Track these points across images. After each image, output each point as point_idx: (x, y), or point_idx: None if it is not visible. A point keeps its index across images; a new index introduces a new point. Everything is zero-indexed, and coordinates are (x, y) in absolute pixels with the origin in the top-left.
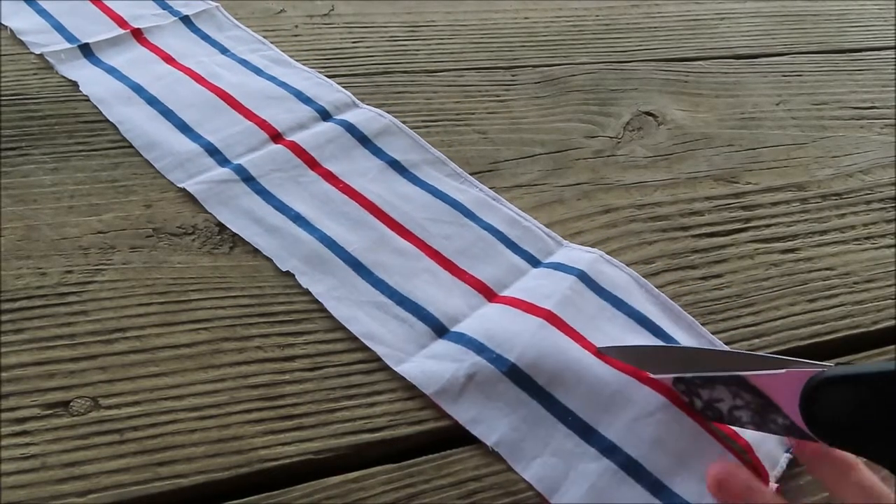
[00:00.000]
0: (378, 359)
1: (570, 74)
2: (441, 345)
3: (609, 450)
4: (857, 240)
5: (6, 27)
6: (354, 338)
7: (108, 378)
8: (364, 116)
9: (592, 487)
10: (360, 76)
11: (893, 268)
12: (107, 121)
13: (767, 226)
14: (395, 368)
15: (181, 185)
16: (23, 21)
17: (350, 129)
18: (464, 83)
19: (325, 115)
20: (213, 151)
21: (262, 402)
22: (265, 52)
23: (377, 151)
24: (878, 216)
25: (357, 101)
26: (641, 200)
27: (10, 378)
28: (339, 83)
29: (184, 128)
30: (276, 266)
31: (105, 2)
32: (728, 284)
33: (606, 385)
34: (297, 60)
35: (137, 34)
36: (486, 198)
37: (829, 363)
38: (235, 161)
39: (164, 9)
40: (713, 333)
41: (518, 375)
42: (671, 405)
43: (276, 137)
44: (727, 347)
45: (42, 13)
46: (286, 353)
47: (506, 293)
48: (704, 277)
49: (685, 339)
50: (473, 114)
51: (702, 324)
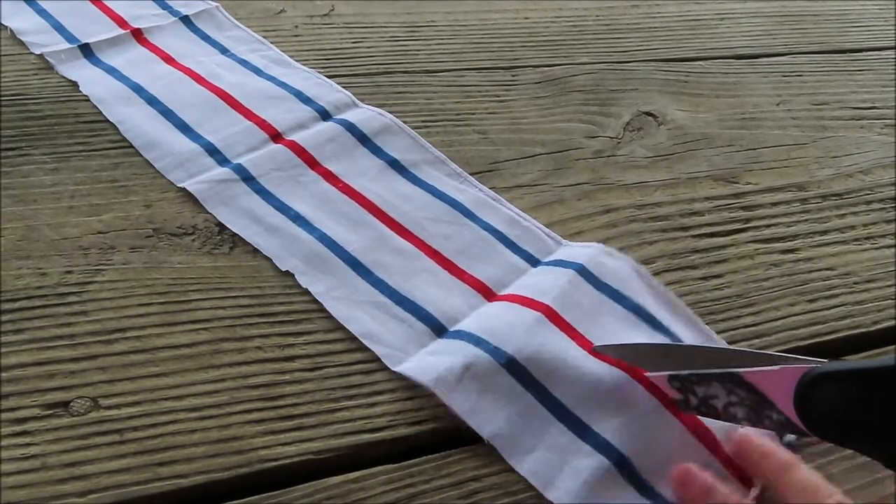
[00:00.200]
0: (378, 359)
1: (571, 74)
2: (439, 343)
3: (603, 447)
4: (858, 240)
5: (6, 27)
6: (354, 338)
7: (108, 378)
8: (364, 115)
9: (585, 483)
10: (361, 76)
11: (894, 268)
12: (107, 121)
13: (767, 226)
14: (395, 369)
15: (181, 185)
16: (23, 21)
17: (350, 129)
18: (464, 83)
19: (325, 115)
20: (213, 151)
21: (263, 403)
22: (265, 53)
23: (377, 151)
24: (879, 216)
25: (357, 101)
26: (641, 200)
27: (10, 378)
28: (340, 83)
29: (184, 128)
30: (276, 266)
31: (105, 2)
32: (728, 284)
33: (602, 383)
34: (298, 60)
35: (137, 34)
36: (486, 198)
37: (823, 360)
38: (235, 161)
39: (164, 9)
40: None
41: (515, 368)
42: (663, 409)
43: (276, 137)
44: (724, 342)
45: (42, 13)
46: (286, 353)
47: (505, 292)
48: (704, 277)
49: (683, 333)
50: (473, 114)
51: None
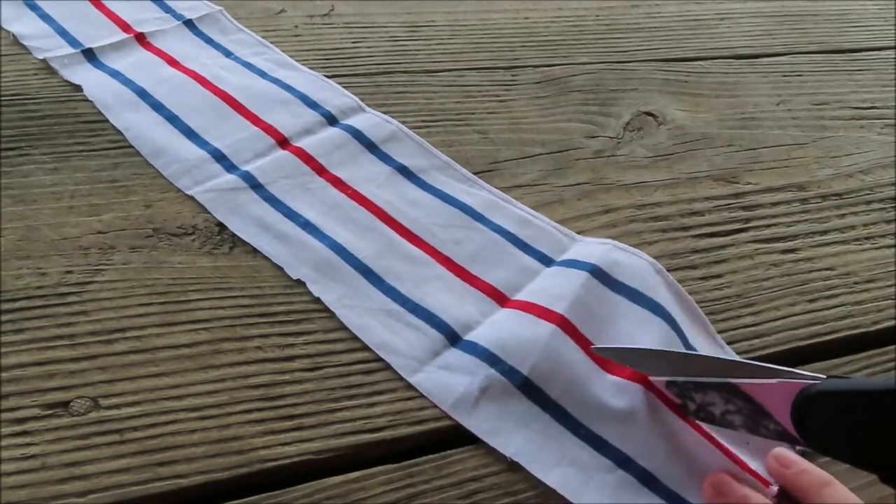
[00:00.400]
0: (378, 359)
1: (571, 74)
2: (454, 354)
3: (623, 462)
4: (858, 240)
5: (8, 32)
6: (354, 338)
7: (108, 378)
8: (370, 122)
9: (613, 496)
10: (361, 76)
11: (893, 268)
12: (107, 121)
13: (767, 226)
14: (409, 379)
15: (189, 193)
16: (25, 26)
17: (357, 136)
18: (464, 83)
19: (332, 120)
20: (221, 157)
21: (263, 403)
22: (269, 56)
23: (385, 157)
24: (879, 216)
25: (363, 106)
26: (641, 200)
27: (10, 378)
28: (340, 83)
29: (190, 134)
30: (276, 266)
31: (107, 6)
32: (728, 284)
33: (616, 399)
34: (298, 61)
35: (141, 38)
36: (496, 199)
37: (821, 375)
38: (243, 167)
39: (167, 12)
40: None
41: (531, 388)
42: (676, 417)
43: (283, 143)
44: (729, 348)
45: (44, 17)
46: (286, 353)
47: (518, 296)
48: (704, 277)
49: (696, 337)
50: (474, 114)
51: None
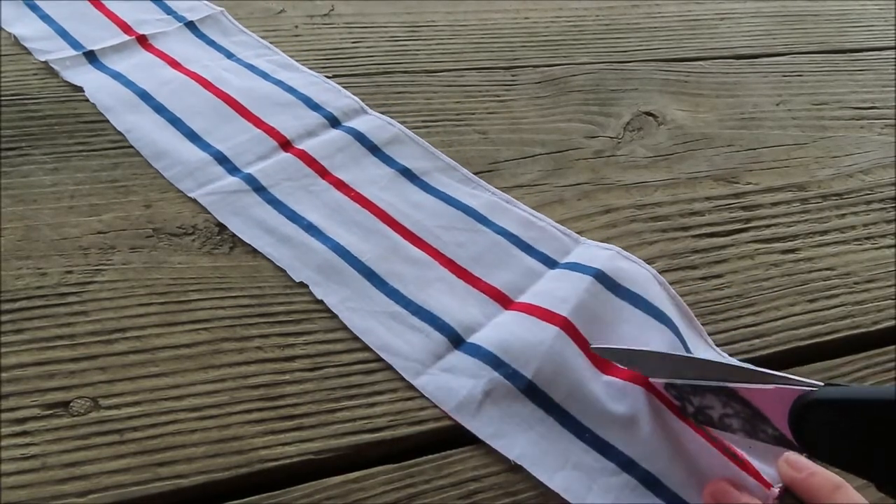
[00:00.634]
0: (379, 359)
1: (571, 74)
2: (457, 357)
3: (627, 465)
4: (858, 240)
5: (9, 33)
6: (355, 338)
7: (108, 378)
8: (373, 124)
9: (616, 500)
10: (361, 76)
11: (894, 268)
12: (107, 121)
13: (768, 226)
14: (413, 382)
15: (192, 195)
16: (26, 27)
17: (359, 138)
18: (464, 83)
19: (334, 122)
20: (223, 160)
21: (263, 403)
22: (271, 57)
23: (387, 159)
24: (879, 216)
25: (365, 107)
26: (642, 200)
27: (10, 378)
28: (340, 83)
29: (192, 136)
30: (277, 266)
31: (108, 7)
32: (728, 284)
33: (618, 402)
34: (298, 61)
35: (142, 40)
36: (499, 201)
37: (819, 382)
38: (245, 170)
39: (169, 14)
40: (714, 334)
41: (535, 392)
42: (678, 420)
43: (286, 145)
44: (734, 361)
45: (45, 18)
46: (286, 353)
47: (522, 299)
48: (705, 277)
49: (697, 347)
50: (474, 114)
51: (702, 324)
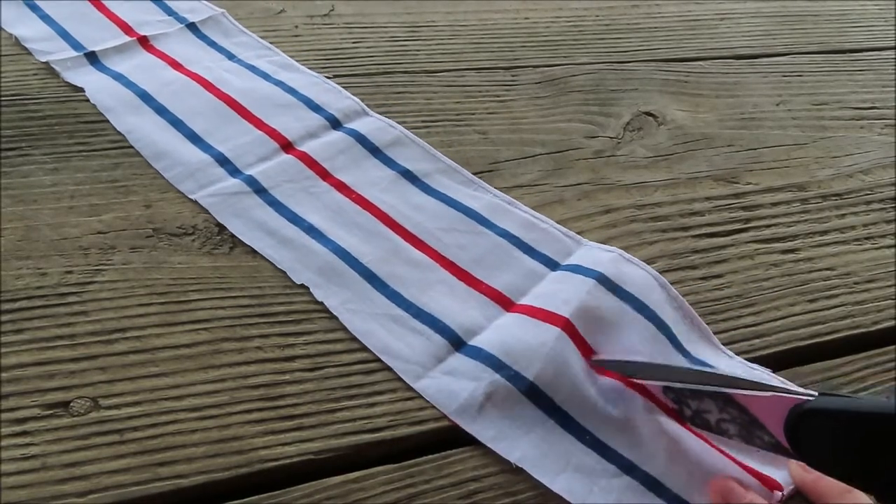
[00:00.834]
0: (378, 359)
1: (571, 75)
2: (458, 359)
3: (628, 467)
4: (858, 240)
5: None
6: (354, 338)
7: (108, 378)
8: (374, 126)
9: (618, 501)
10: (361, 76)
11: (894, 268)
12: (107, 121)
13: (768, 226)
14: (413, 385)
15: (193, 197)
16: (27, 28)
17: (361, 140)
18: (464, 83)
19: (335, 124)
20: (224, 161)
21: (263, 403)
22: (272, 58)
23: (388, 161)
24: (879, 216)
25: (366, 109)
26: (642, 201)
27: (10, 378)
28: (340, 83)
29: (193, 137)
30: (276, 266)
31: (109, 7)
32: (728, 285)
33: (616, 406)
34: (298, 61)
35: (144, 41)
36: (501, 202)
37: (813, 393)
38: (246, 172)
39: (170, 14)
40: (714, 334)
41: (536, 394)
42: (677, 423)
43: (287, 147)
44: (738, 359)
45: (45, 18)
46: (286, 353)
47: (523, 301)
48: (705, 278)
49: (699, 350)
50: (473, 114)
51: None
